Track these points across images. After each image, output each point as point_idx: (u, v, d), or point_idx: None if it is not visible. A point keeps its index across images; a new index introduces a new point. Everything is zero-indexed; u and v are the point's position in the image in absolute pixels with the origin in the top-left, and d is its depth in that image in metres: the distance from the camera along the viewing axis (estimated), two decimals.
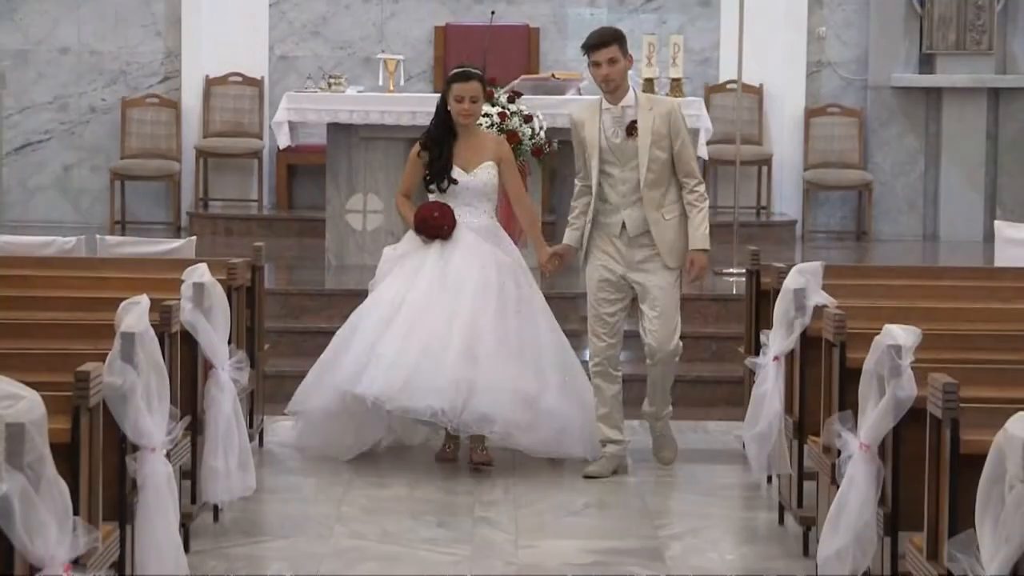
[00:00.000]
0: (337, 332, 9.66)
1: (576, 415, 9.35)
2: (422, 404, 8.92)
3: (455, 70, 9.65)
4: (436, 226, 9.20)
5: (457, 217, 9.28)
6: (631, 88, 9.25)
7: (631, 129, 9.04)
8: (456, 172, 9.29)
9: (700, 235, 9.15)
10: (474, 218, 9.38)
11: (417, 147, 9.45)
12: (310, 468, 9.57)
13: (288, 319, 11.75)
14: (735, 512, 9.15)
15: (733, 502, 9.31)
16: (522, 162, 12.47)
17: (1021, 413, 5.12)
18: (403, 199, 9.67)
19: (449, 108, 9.30)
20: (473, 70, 9.57)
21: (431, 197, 9.43)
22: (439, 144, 9.30)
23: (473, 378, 8.94)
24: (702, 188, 9.28)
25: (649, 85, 14.59)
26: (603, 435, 9.30)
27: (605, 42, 9.08)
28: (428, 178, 9.37)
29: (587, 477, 9.21)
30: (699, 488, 9.24)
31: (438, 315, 9.15)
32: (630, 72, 9.47)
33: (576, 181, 9.49)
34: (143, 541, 6.71)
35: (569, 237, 9.47)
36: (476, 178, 9.34)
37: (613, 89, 9.10)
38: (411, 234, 9.52)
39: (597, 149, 9.12)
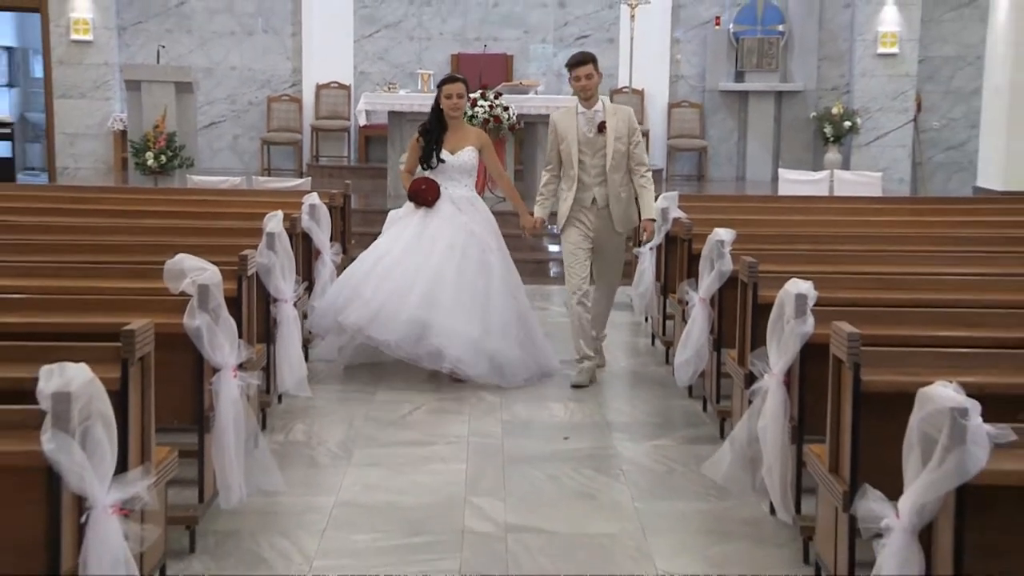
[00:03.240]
0: (344, 273, 8.07)
1: (515, 355, 7.51)
2: (380, 337, 7.37)
3: (445, 76, 8.09)
4: (422, 196, 7.68)
5: (443, 188, 7.72)
6: (600, 97, 7.71)
7: (601, 127, 7.52)
8: (444, 154, 7.70)
9: (652, 208, 7.75)
10: (456, 189, 7.76)
11: (416, 135, 7.86)
12: None
13: (365, 226, 11.62)
14: (625, 338, 9.15)
15: (624, 332, 9.30)
16: (502, 135, 12.43)
17: (794, 279, 5.11)
18: (406, 174, 7.93)
19: (441, 105, 7.71)
20: (458, 75, 8.02)
21: (425, 172, 7.76)
22: (432, 133, 7.73)
23: (429, 320, 7.30)
24: (650, 175, 7.77)
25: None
26: (582, 351, 7.66)
27: (585, 61, 7.62)
28: (422, 157, 7.76)
29: (574, 387, 7.54)
30: None
31: (409, 267, 7.52)
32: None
33: (544, 172, 7.84)
34: (280, 354, 6.75)
35: (540, 211, 7.78)
36: (458, 159, 7.73)
37: (588, 96, 7.58)
38: (408, 202, 7.89)
39: (576, 142, 7.53)
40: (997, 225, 8.51)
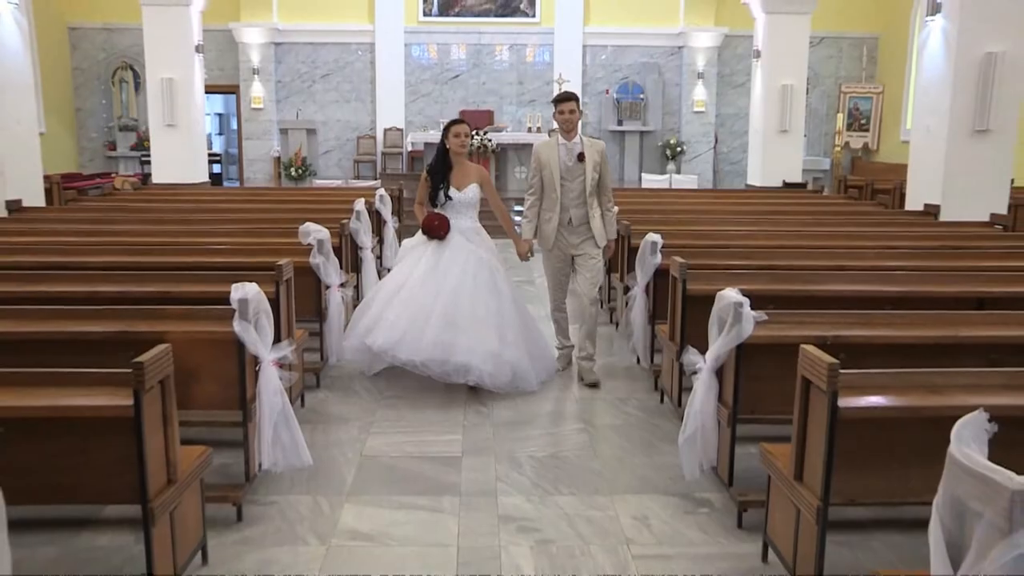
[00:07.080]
0: (364, 299, 5.31)
1: (527, 362, 4.89)
2: (407, 357, 4.69)
3: (452, 119, 5.21)
4: (435, 232, 4.96)
5: (452, 221, 5.00)
6: (579, 132, 5.04)
7: (581, 157, 4.97)
8: (451, 191, 4.99)
9: (614, 231, 5.14)
10: (462, 221, 5.00)
11: (425, 173, 5.10)
12: None
13: (411, 208, 11.48)
14: None
15: None
16: (488, 156, 12.22)
17: (650, 233, 5.03)
18: (419, 206, 5.18)
19: (448, 144, 5.05)
20: (462, 118, 5.22)
21: (435, 209, 5.06)
22: (439, 172, 5.03)
23: (452, 340, 4.70)
24: (613, 201, 5.22)
25: (528, 129, 14.26)
26: (560, 343, 5.41)
27: (569, 99, 5.01)
28: (431, 195, 5.04)
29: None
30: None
31: (427, 293, 4.82)
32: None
33: (527, 196, 5.10)
34: (363, 279, 6.58)
35: (527, 232, 5.09)
36: (464, 194, 4.99)
37: (570, 129, 4.96)
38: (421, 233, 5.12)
39: (558, 169, 4.97)
40: (757, 204, 8.47)
